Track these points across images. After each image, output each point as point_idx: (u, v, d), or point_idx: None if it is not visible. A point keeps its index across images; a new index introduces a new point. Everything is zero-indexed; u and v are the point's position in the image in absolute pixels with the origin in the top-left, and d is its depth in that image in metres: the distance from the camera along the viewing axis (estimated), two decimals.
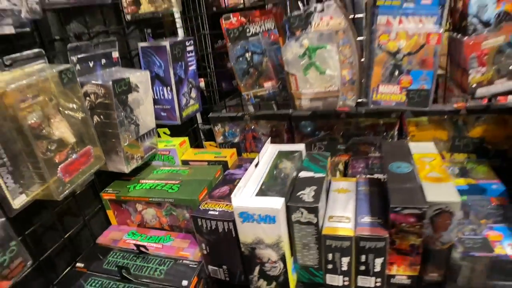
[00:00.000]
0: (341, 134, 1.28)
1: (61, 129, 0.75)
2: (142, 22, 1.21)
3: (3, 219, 0.68)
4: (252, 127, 1.36)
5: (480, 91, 0.99)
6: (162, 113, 1.16)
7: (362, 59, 1.06)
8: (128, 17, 1.10)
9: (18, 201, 0.74)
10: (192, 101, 1.24)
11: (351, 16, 1.08)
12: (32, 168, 0.74)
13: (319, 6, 1.04)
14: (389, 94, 1.04)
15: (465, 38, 0.97)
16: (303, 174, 0.88)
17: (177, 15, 1.38)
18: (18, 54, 0.74)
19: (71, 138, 0.77)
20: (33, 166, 0.74)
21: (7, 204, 0.71)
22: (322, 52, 1.03)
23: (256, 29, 1.17)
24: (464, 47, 0.97)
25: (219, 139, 1.43)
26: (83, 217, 0.98)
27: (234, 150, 1.21)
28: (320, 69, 1.04)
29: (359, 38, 1.06)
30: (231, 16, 1.15)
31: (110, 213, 1.05)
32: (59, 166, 0.75)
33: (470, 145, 1.14)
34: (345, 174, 1.20)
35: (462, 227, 0.82)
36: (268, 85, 1.18)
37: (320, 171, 0.89)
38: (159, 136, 1.22)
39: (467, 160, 1.13)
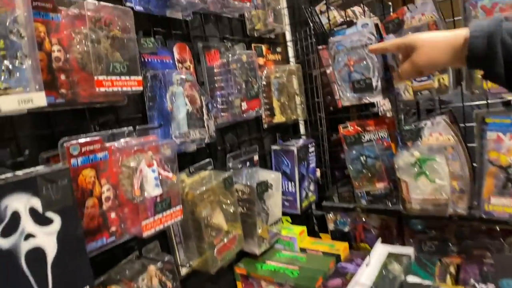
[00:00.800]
0: (454, 235, 1.31)
1: (219, 219, 1.04)
2: (274, 128, 1.52)
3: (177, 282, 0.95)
4: (363, 219, 1.49)
5: None
6: (286, 203, 1.40)
7: (474, 164, 1.13)
8: (265, 125, 1.42)
9: (185, 270, 1.03)
10: (310, 193, 1.46)
11: (462, 125, 1.18)
12: (196, 247, 1.02)
13: (429, 122, 1.19)
14: (502, 206, 1.08)
15: None
16: (411, 279, 0.98)
17: (301, 121, 1.67)
18: (197, 164, 1.08)
19: (225, 226, 1.05)
20: (197, 245, 1.02)
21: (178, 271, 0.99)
22: (432, 164, 1.15)
23: (370, 136, 1.36)
24: None
25: (331, 226, 1.59)
26: (219, 285, 1.23)
27: (347, 244, 1.34)
28: (430, 178, 1.16)
29: (471, 145, 1.15)
30: (348, 125, 1.37)
31: (239, 284, 1.28)
32: (216, 247, 1.01)
33: None
34: (456, 279, 1.21)
35: None
36: (380, 185, 1.33)
37: (427, 278, 0.98)
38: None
39: None
